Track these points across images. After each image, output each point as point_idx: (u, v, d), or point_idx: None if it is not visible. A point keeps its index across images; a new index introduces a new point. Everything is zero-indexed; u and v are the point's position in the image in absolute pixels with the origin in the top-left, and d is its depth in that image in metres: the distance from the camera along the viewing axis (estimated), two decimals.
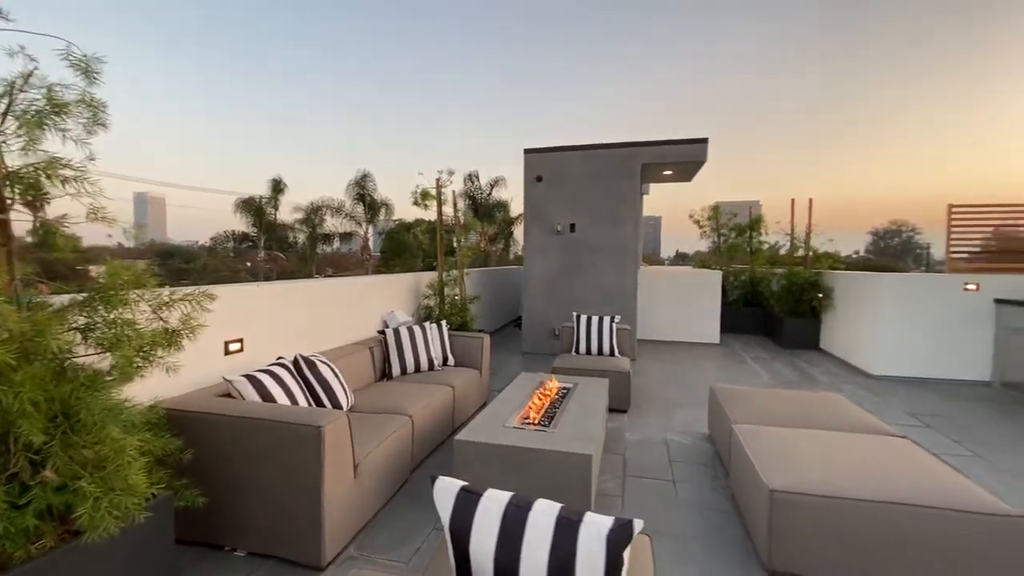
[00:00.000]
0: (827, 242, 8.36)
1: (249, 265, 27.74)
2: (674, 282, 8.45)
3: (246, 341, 3.08)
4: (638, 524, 1.12)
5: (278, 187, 26.00)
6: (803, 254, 8.32)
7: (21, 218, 1.71)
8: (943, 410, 4.61)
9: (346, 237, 25.13)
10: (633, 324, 6.74)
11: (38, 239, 1.78)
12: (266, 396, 2.46)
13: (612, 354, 5.03)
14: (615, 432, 3.94)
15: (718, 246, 11.42)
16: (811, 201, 8.25)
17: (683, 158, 6.71)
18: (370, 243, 25.47)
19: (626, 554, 1.12)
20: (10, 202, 1.65)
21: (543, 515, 1.16)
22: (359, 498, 2.43)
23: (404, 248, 21.53)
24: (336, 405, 2.88)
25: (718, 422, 3.45)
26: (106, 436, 1.63)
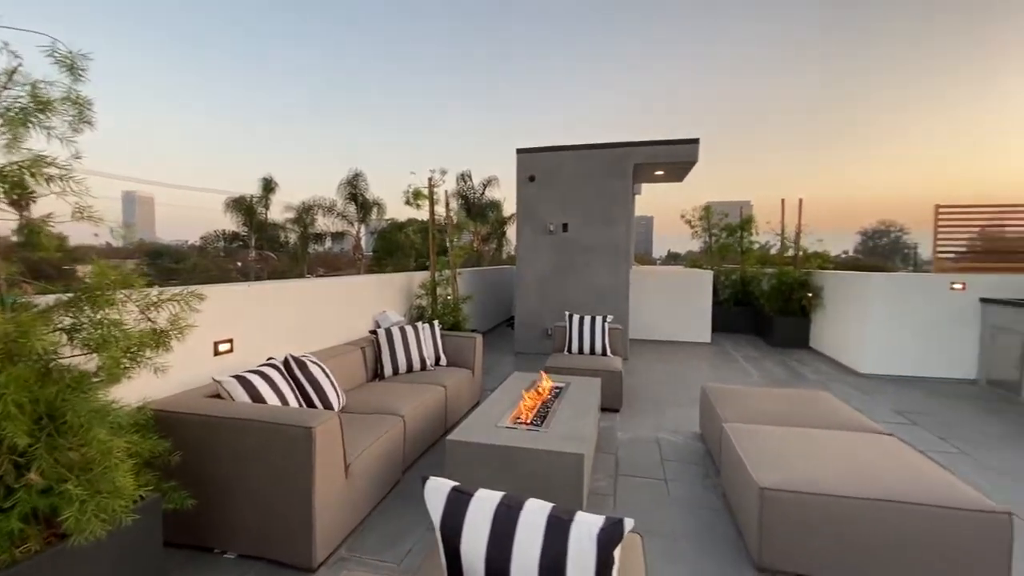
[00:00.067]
0: (816, 242, 8.45)
1: (240, 265, 27.52)
2: (666, 282, 8.49)
3: (236, 342, 3.05)
4: (628, 523, 1.13)
5: (269, 186, 25.83)
6: (793, 254, 8.39)
7: (5, 217, 1.68)
8: (929, 408, 4.67)
9: (338, 237, 25.01)
10: (625, 324, 6.77)
11: (23, 238, 1.75)
12: (256, 397, 2.44)
13: (604, 354, 5.04)
14: (607, 431, 3.95)
15: (709, 246, 11.49)
16: (801, 201, 8.33)
17: (675, 158, 6.75)
18: (362, 243, 25.35)
19: (617, 553, 1.12)
20: None
21: (534, 515, 1.16)
22: (350, 499, 2.42)
23: (396, 248, 21.46)
24: (327, 406, 2.87)
25: (709, 421, 3.48)
26: (92, 438, 1.61)
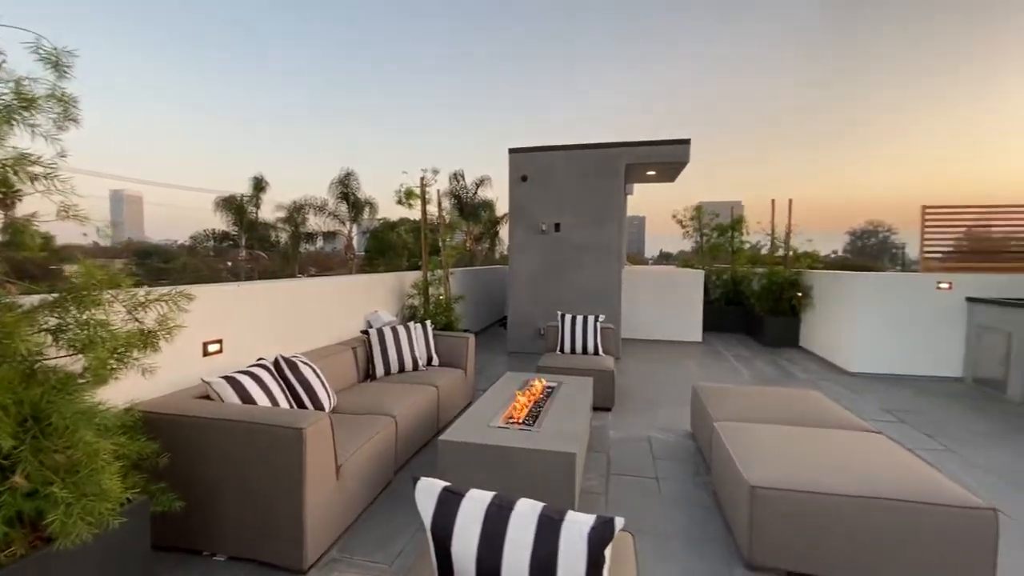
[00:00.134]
0: (806, 242, 8.53)
1: (230, 265, 27.30)
2: (658, 281, 8.53)
3: (225, 342, 3.02)
4: (619, 522, 1.13)
5: (259, 185, 25.64)
6: (783, 254, 8.46)
7: None
8: (917, 406, 4.73)
9: (329, 236, 24.88)
10: (617, 323, 6.80)
11: (7, 237, 1.72)
12: (246, 398, 2.42)
13: (596, 353, 5.06)
14: (599, 430, 3.96)
15: (701, 246, 11.57)
16: (791, 202, 8.39)
17: (666, 159, 6.78)
18: (354, 242, 25.24)
19: (608, 552, 1.13)
20: None
21: (525, 515, 1.16)
22: (342, 500, 2.40)
23: (388, 247, 21.39)
24: (318, 406, 2.85)
25: (700, 419, 3.50)
26: (79, 440, 1.59)
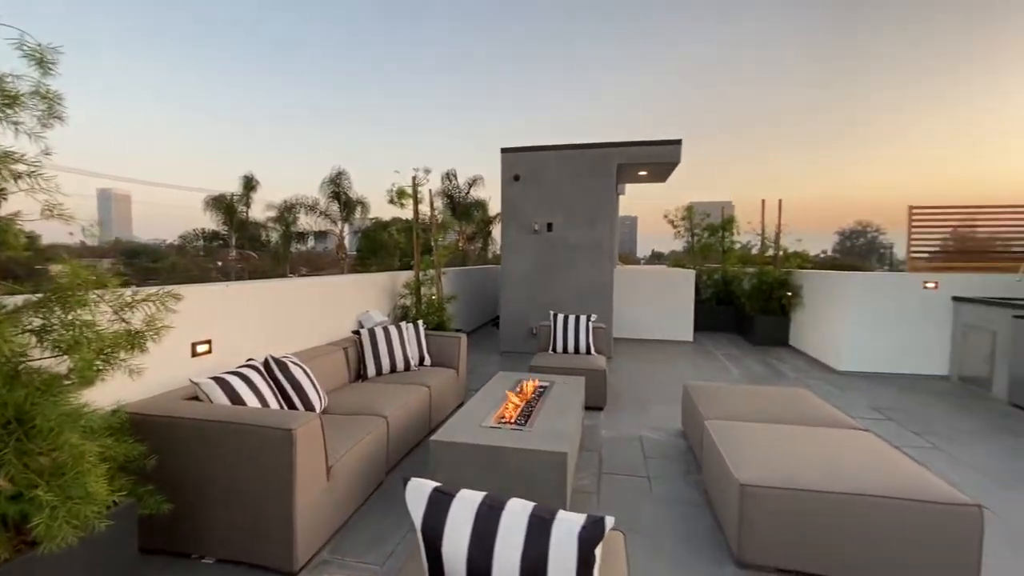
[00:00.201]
0: (795, 242, 8.61)
1: (220, 264, 27.05)
2: (649, 281, 8.57)
3: (214, 343, 3.00)
4: (609, 521, 1.13)
5: (249, 184, 25.42)
6: (773, 254, 8.53)
7: None
8: (904, 404, 4.79)
9: (321, 236, 24.72)
10: (609, 323, 6.82)
11: None
12: (235, 399, 2.40)
13: (588, 352, 5.07)
14: (591, 430, 3.97)
15: (692, 246, 11.63)
16: (780, 202, 8.48)
17: (657, 159, 6.81)
18: (346, 242, 25.10)
19: (598, 551, 1.13)
20: None
21: (516, 514, 1.16)
22: (332, 501, 2.39)
23: (380, 247, 21.28)
24: (309, 407, 2.83)
25: (691, 418, 3.52)
26: (64, 442, 1.56)
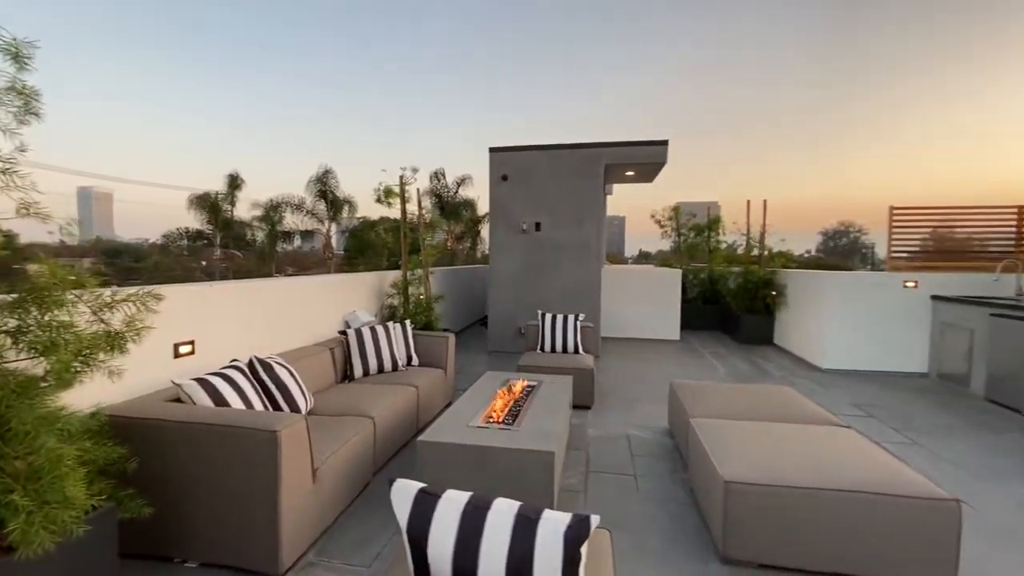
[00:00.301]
0: (780, 242, 8.73)
1: (204, 264, 26.66)
2: (636, 281, 8.62)
3: (198, 343, 2.95)
4: (595, 520, 1.14)
5: (235, 183, 25.07)
6: (758, 253, 8.63)
7: None
8: (885, 401, 4.88)
9: (307, 235, 24.46)
10: (597, 322, 6.85)
11: None
12: (219, 400, 2.37)
13: (576, 352, 5.09)
14: (579, 428, 3.99)
15: (679, 246, 11.74)
16: (765, 203, 8.57)
17: (644, 159, 6.86)
18: (333, 241, 24.87)
19: (584, 550, 1.14)
20: None
21: (501, 514, 1.16)
22: (318, 503, 2.37)
23: (368, 246, 21.13)
24: (294, 408, 2.80)
25: (677, 416, 3.55)
26: (40, 446, 1.53)
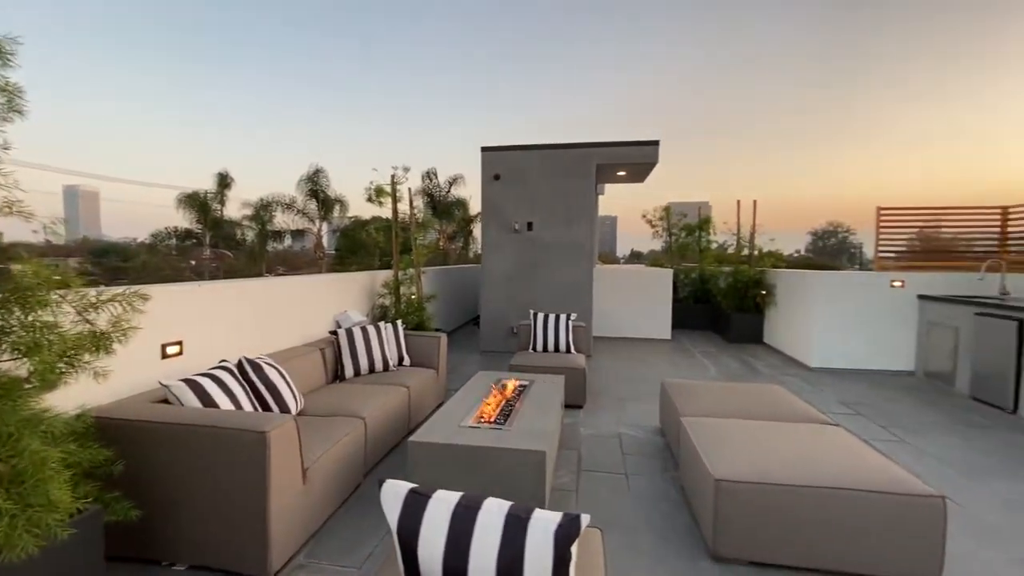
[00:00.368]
0: (769, 241, 8.80)
1: (194, 263, 26.38)
2: (628, 280, 8.67)
3: (186, 344, 2.92)
4: (585, 519, 1.14)
5: (224, 181, 24.82)
6: (748, 253, 8.70)
7: None
8: (872, 399, 4.94)
9: (298, 234, 24.28)
10: (589, 321, 6.86)
11: None
12: (208, 401, 2.35)
13: (568, 351, 5.10)
14: (571, 428, 4.00)
15: (670, 245, 11.81)
16: (755, 203, 8.65)
17: (636, 159, 6.88)
18: (324, 240, 24.71)
19: (574, 548, 1.14)
20: None
21: (492, 514, 1.16)
22: (309, 504, 2.35)
23: (360, 246, 21.01)
24: (284, 409, 2.78)
25: (668, 415, 3.57)
26: (23, 449, 1.51)
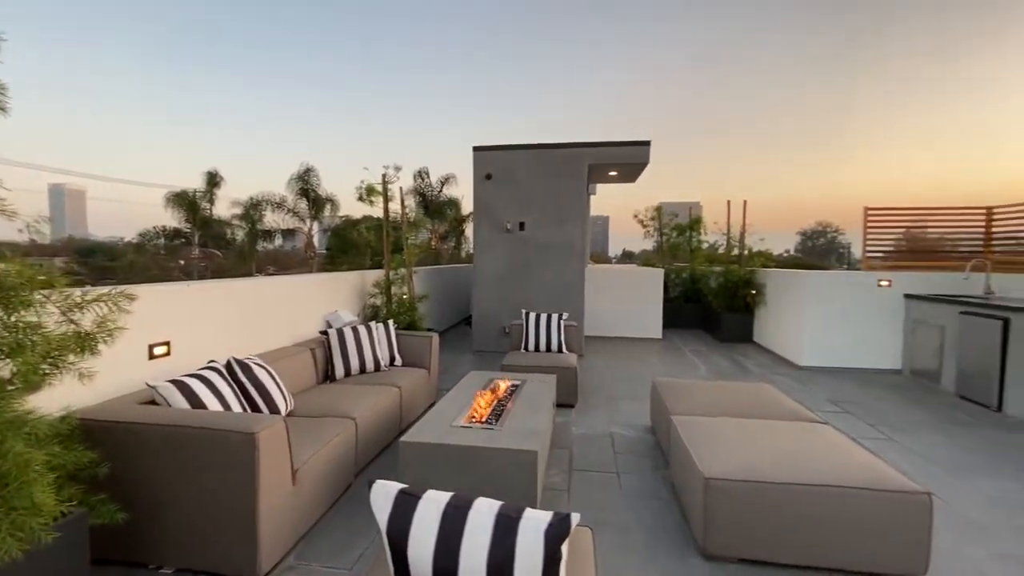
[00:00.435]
0: (759, 241, 8.86)
1: (182, 263, 26.10)
2: (620, 280, 8.69)
3: (174, 344, 2.89)
4: (575, 518, 1.14)
5: (214, 180, 24.59)
6: (738, 253, 8.76)
7: None
8: (860, 397, 5.00)
9: (289, 234, 24.11)
10: (581, 321, 6.88)
11: None
12: (195, 402, 2.32)
13: (560, 351, 5.11)
14: (562, 427, 4.00)
15: (661, 245, 11.86)
16: (745, 203, 8.70)
17: (627, 159, 6.91)
18: (315, 240, 24.56)
19: (564, 547, 1.14)
20: None
21: (482, 514, 1.16)
22: (298, 505, 2.34)
23: (351, 246, 20.91)
24: (273, 410, 2.76)
25: (659, 414, 3.59)
26: (7, 451, 1.49)
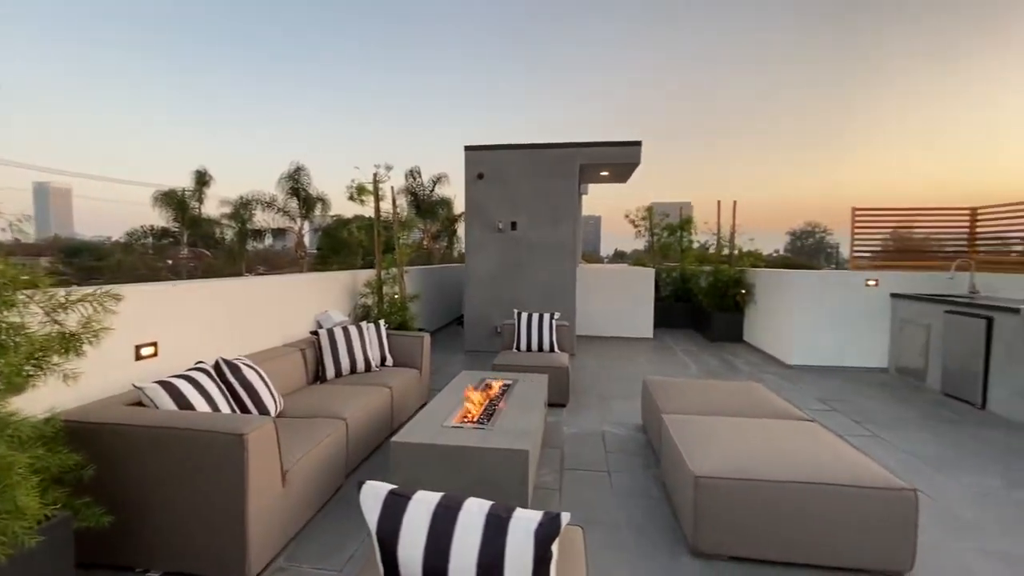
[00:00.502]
0: (749, 241, 8.92)
1: (171, 263, 25.81)
2: (611, 280, 8.72)
3: (161, 345, 2.86)
4: (565, 517, 1.15)
5: (203, 179, 24.35)
6: (728, 253, 8.82)
7: None
8: (847, 395, 5.06)
9: (279, 233, 23.94)
10: (572, 321, 6.90)
11: None
12: (183, 403, 2.30)
13: (552, 350, 5.12)
14: (554, 426, 4.01)
15: (652, 245, 11.92)
16: (735, 204, 8.76)
17: (618, 160, 6.94)
18: (305, 239, 24.40)
19: (555, 547, 1.14)
20: None
21: (472, 514, 1.16)
22: (288, 507, 2.32)
23: (343, 245, 20.79)
24: (263, 411, 2.74)
25: (650, 413, 3.61)
26: None
